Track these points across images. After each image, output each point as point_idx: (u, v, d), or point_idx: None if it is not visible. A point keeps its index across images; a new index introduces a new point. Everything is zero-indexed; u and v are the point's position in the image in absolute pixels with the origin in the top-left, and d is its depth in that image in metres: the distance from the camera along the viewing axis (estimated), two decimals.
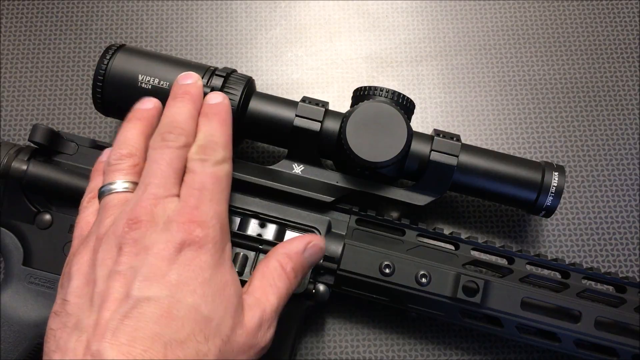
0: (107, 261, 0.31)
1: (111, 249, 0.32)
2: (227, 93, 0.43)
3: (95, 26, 0.56)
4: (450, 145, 0.43)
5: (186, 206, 0.33)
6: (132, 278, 0.30)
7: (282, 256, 0.36)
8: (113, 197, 0.35)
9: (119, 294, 0.30)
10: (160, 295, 0.30)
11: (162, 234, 0.32)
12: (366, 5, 0.57)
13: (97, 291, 0.31)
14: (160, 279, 0.30)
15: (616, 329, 0.42)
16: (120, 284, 0.30)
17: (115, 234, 0.32)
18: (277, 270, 0.35)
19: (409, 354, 0.47)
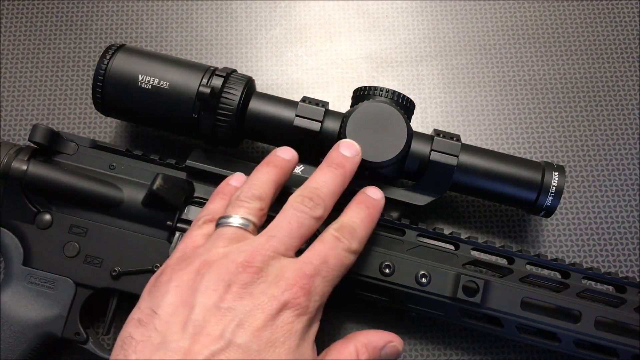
0: (211, 293, 0.31)
1: (218, 282, 0.32)
2: (227, 93, 0.43)
3: (95, 26, 0.56)
4: (450, 145, 0.43)
5: (302, 270, 0.33)
6: (230, 319, 0.31)
7: (361, 344, 0.36)
8: (229, 230, 0.35)
9: (214, 331, 0.30)
10: (250, 346, 0.30)
11: (270, 287, 0.32)
12: (366, 5, 0.57)
13: (193, 318, 0.31)
14: (254, 331, 0.31)
15: (616, 329, 0.42)
16: (217, 321, 0.30)
17: (227, 270, 0.32)
18: (351, 355, 0.35)
19: (409, 354, 0.47)
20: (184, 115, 0.43)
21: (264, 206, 0.37)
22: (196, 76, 0.43)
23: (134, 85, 0.43)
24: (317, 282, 0.33)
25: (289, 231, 0.34)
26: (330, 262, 0.34)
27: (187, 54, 0.55)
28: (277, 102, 0.44)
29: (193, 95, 0.42)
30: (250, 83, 0.45)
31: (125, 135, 0.52)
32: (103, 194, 0.43)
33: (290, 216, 0.35)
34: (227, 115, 0.43)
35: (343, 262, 0.35)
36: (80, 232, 0.43)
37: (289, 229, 0.35)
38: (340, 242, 0.35)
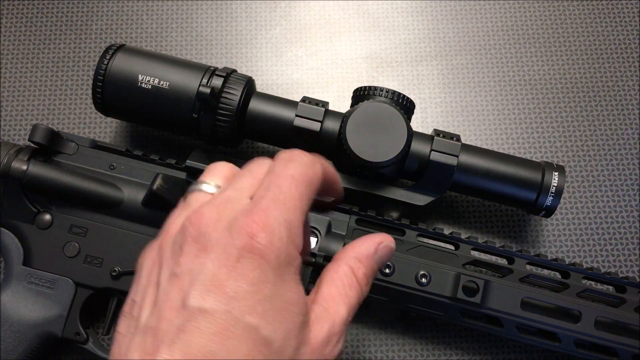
0: (170, 261, 0.29)
1: (175, 247, 0.29)
2: (227, 93, 0.43)
3: (95, 26, 0.56)
4: (450, 145, 0.43)
5: (254, 207, 0.29)
6: (189, 284, 0.27)
7: (353, 260, 0.33)
8: (194, 196, 0.32)
9: (176, 301, 0.27)
10: (216, 309, 0.27)
11: (224, 235, 0.28)
12: (366, 5, 0.57)
13: (160, 294, 0.28)
14: (217, 290, 0.27)
15: (616, 329, 0.42)
16: (177, 289, 0.28)
17: (180, 231, 0.29)
18: (348, 276, 0.32)
19: (409, 354, 0.47)
20: (184, 115, 0.43)
21: (233, 172, 0.33)
22: (196, 76, 0.43)
23: (134, 85, 0.43)
24: (275, 213, 0.29)
25: (244, 179, 0.31)
26: (284, 187, 0.30)
27: (187, 54, 0.55)
28: (277, 102, 0.44)
29: (193, 95, 0.42)
30: (250, 83, 0.45)
31: (125, 135, 0.52)
32: (103, 194, 0.43)
33: (247, 170, 0.32)
34: (227, 115, 0.43)
35: (301, 180, 0.30)
36: (80, 232, 0.43)
37: (244, 178, 0.32)
38: (291, 162, 0.31)
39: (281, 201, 0.29)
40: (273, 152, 0.52)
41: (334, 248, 0.42)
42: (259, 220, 0.28)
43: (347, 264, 0.32)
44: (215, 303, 0.27)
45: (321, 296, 0.31)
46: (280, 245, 0.28)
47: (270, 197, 0.29)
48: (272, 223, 0.28)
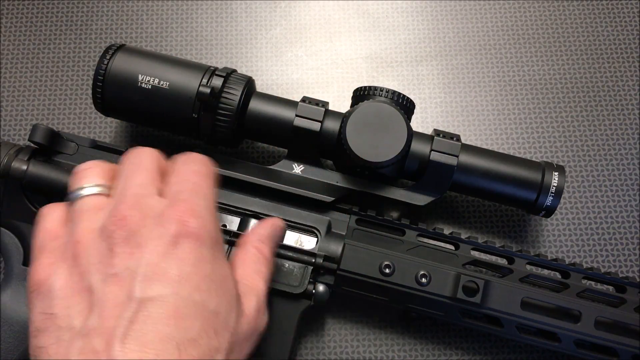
0: (98, 266, 0.29)
1: (100, 252, 0.29)
2: (227, 93, 0.43)
3: (95, 26, 0.56)
4: (450, 145, 0.43)
5: (176, 200, 0.31)
6: (131, 279, 0.28)
7: (257, 242, 0.36)
8: (85, 201, 0.32)
9: (120, 297, 0.28)
10: (164, 293, 0.28)
11: (155, 228, 0.30)
12: (366, 5, 0.57)
13: (96, 298, 0.28)
14: (160, 277, 0.28)
15: (616, 329, 0.42)
16: (119, 287, 0.28)
17: (102, 236, 0.30)
18: (256, 255, 0.36)
19: (409, 354, 0.47)
20: (184, 115, 0.43)
21: (106, 168, 0.34)
22: (196, 76, 0.43)
23: (134, 85, 0.43)
24: (197, 200, 0.31)
25: (140, 173, 0.32)
26: (194, 179, 0.33)
27: (187, 54, 0.55)
28: (277, 102, 0.44)
29: (193, 95, 0.42)
30: (250, 83, 0.45)
31: (125, 135, 0.52)
32: None
33: (133, 160, 0.33)
34: (227, 115, 0.43)
35: (204, 173, 0.33)
36: None
37: (137, 172, 0.32)
38: (189, 164, 0.34)
39: (198, 192, 0.32)
40: (273, 152, 0.52)
41: (334, 248, 0.42)
42: (186, 209, 0.30)
43: (252, 246, 0.36)
44: (162, 289, 0.28)
45: (240, 275, 0.34)
46: (211, 227, 0.31)
47: (187, 190, 0.32)
48: (198, 210, 0.31)
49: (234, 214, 0.43)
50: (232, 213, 0.43)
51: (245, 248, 0.36)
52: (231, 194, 0.43)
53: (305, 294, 0.41)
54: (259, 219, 0.43)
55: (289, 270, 0.41)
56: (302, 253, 0.42)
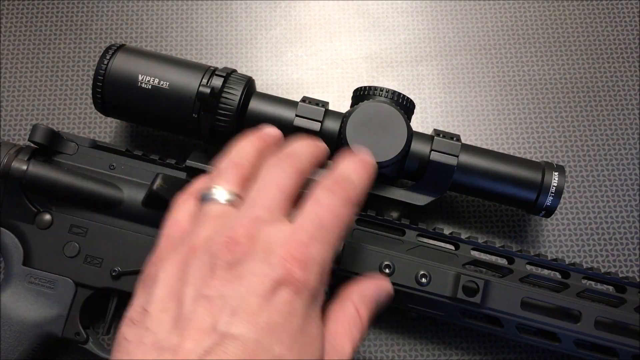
0: (197, 280, 0.28)
1: (203, 267, 0.29)
2: (227, 93, 0.43)
3: (95, 26, 0.56)
4: (450, 145, 0.43)
5: (294, 239, 0.29)
6: (220, 308, 0.27)
7: (359, 302, 0.34)
8: (213, 207, 0.31)
9: (205, 323, 0.27)
10: (247, 336, 0.27)
11: (261, 265, 0.28)
12: (366, 5, 0.57)
13: (183, 312, 0.28)
14: (249, 318, 0.27)
15: (616, 329, 0.42)
16: (207, 312, 0.27)
17: (210, 252, 0.29)
18: (353, 316, 0.33)
19: (409, 354, 0.47)
20: (184, 115, 0.43)
21: (248, 174, 0.32)
22: (196, 76, 0.43)
23: (134, 85, 0.43)
24: (314, 249, 0.29)
25: (270, 194, 0.31)
26: (326, 221, 0.30)
27: (187, 54, 0.55)
28: (277, 102, 0.44)
29: (193, 95, 0.42)
30: (250, 83, 0.45)
31: (125, 135, 0.52)
32: (103, 194, 0.43)
33: (269, 176, 0.31)
34: (227, 115, 0.43)
35: (342, 217, 0.31)
36: (80, 232, 0.43)
37: (269, 191, 0.31)
38: (335, 193, 0.31)
39: (321, 238, 0.30)
40: None
41: None
42: (297, 255, 0.29)
43: (352, 304, 0.33)
44: (246, 331, 0.27)
45: (329, 333, 0.32)
46: (314, 282, 0.29)
47: (310, 231, 0.30)
48: (309, 260, 0.29)
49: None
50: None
51: (344, 304, 0.33)
52: None
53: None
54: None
55: None
56: None
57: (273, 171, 0.32)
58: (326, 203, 0.31)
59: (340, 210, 0.31)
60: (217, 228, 0.30)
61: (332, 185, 0.31)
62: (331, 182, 0.32)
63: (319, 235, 0.30)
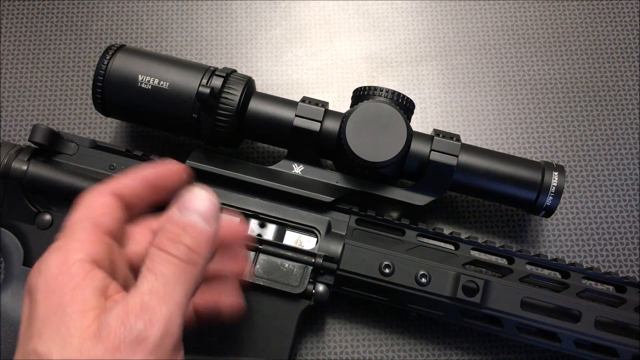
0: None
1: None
2: (227, 93, 0.43)
3: (95, 26, 0.56)
4: (450, 145, 0.43)
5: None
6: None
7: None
8: None
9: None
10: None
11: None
12: (366, 5, 0.57)
13: None
14: None
15: (616, 329, 0.42)
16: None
17: None
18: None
19: (409, 354, 0.47)
20: (184, 115, 0.43)
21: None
22: (196, 76, 0.43)
23: (134, 86, 0.43)
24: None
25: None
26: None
27: (187, 54, 0.55)
28: (277, 102, 0.44)
29: (193, 96, 0.42)
30: (250, 83, 0.45)
31: (125, 135, 0.52)
32: None
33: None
34: (227, 116, 0.43)
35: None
36: None
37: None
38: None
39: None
40: (273, 152, 0.52)
41: (334, 248, 0.42)
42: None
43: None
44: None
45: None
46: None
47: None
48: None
49: (234, 214, 0.43)
50: (233, 214, 0.43)
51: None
52: (231, 194, 0.44)
53: (305, 294, 0.41)
54: (258, 219, 0.43)
55: (289, 270, 0.41)
56: (302, 253, 0.42)
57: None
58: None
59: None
60: None
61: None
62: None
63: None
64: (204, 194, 0.29)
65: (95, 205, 0.31)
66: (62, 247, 0.29)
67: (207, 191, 0.30)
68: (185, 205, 0.29)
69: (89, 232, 0.30)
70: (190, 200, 0.29)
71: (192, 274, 0.28)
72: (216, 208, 0.29)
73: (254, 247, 0.41)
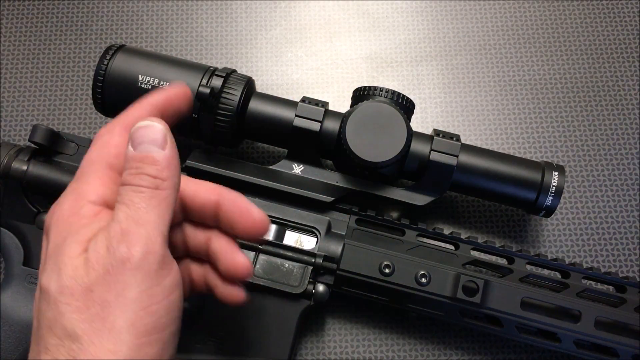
0: None
1: None
2: (227, 93, 0.43)
3: (95, 26, 0.56)
4: (450, 145, 0.43)
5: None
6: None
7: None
8: None
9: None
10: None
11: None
12: (366, 5, 0.57)
13: None
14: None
15: (616, 329, 0.42)
16: None
17: None
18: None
19: (409, 354, 0.47)
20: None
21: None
22: (196, 76, 0.43)
23: (134, 86, 0.43)
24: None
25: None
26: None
27: (187, 54, 0.55)
28: (277, 102, 0.44)
29: (193, 96, 0.42)
30: (250, 83, 0.45)
31: None
32: None
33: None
34: (227, 116, 0.43)
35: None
36: None
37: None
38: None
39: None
40: (273, 152, 0.52)
41: (334, 248, 0.42)
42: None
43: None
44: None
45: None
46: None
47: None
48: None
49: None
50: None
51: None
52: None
53: (305, 294, 0.41)
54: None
55: (289, 270, 0.41)
56: (302, 253, 0.42)
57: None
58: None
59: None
60: None
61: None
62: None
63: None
64: (150, 123, 0.30)
65: (109, 144, 0.32)
66: (75, 190, 0.31)
67: (153, 119, 0.31)
68: (137, 140, 0.30)
69: (102, 173, 0.31)
70: (139, 133, 0.30)
71: (161, 197, 0.29)
72: (165, 131, 0.30)
73: (254, 247, 0.41)
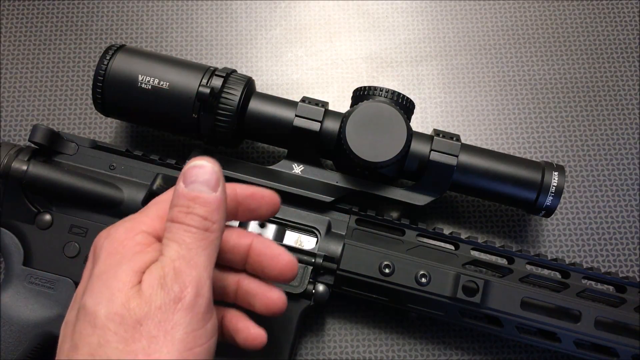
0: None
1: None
2: (227, 93, 0.43)
3: (95, 26, 0.56)
4: (450, 145, 0.43)
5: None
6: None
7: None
8: None
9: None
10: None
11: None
12: (366, 5, 0.57)
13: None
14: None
15: (616, 329, 0.42)
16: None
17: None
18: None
19: (409, 354, 0.47)
20: (184, 115, 0.43)
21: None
22: (196, 76, 0.43)
23: (134, 86, 0.43)
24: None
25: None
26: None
27: (187, 54, 0.55)
28: (277, 102, 0.44)
29: (193, 96, 0.42)
30: (250, 83, 0.45)
31: (125, 135, 0.52)
32: (103, 194, 0.43)
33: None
34: (227, 116, 0.43)
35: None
36: (80, 232, 0.43)
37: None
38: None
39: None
40: (273, 152, 0.52)
41: (334, 248, 0.42)
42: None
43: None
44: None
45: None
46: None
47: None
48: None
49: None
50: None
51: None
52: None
53: (305, 294, 0.41)
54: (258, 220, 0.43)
55: None
56: (302, 253, 0.42)
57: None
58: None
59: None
60: None
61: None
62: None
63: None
64: (204, 163, 0.30)
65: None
66: (133, 219, 0.32)
67: (207, 160, 0.31)
68: (190, 179, 0.30)
69: (162, 212, 0.32)
70: (192, 172, 0.30)
71: (210, 239, 0.30)
72: (218, 174, 0.30)
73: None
